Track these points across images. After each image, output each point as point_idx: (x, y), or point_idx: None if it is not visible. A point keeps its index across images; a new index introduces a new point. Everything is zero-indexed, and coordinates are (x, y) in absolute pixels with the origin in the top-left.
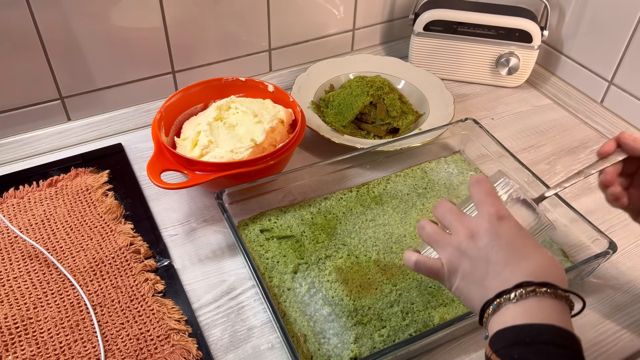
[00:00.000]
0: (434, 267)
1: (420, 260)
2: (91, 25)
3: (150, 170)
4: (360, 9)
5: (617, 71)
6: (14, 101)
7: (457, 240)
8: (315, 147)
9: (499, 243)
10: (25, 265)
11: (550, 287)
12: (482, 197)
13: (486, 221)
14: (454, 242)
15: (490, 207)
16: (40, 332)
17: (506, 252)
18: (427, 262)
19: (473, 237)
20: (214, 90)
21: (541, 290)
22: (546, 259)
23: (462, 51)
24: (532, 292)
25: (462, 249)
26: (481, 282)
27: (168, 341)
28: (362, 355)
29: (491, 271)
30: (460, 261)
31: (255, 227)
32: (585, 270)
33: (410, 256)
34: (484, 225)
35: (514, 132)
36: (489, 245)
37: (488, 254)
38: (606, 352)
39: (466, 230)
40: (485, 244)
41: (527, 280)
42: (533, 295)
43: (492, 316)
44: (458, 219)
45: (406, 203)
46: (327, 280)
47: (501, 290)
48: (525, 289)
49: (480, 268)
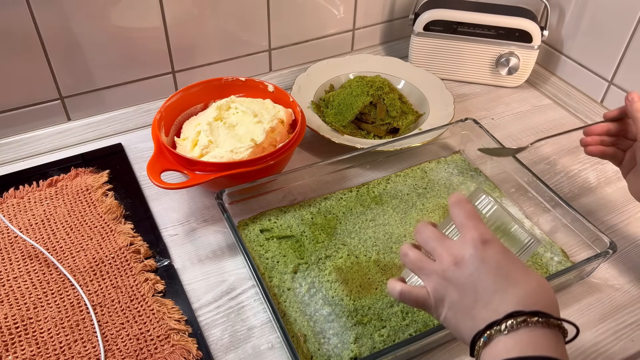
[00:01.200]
0: (420, 297)
1: (405, 290)
2: (91, 25)
3: (150, 170)
4: (360, 9)
5: (617, 71)
6: (14, 101)
7: (441, 268)
8: (315, 147)
9: (485, 269)
10: (25, 265)
11: (542, 315)
12: (464, 220)
13: (470, 246)
14: (438, 270)
15: (474, 230)
16: (40, 332)
17: (493, 278)
18: (413, 292)
19: (458, 264)
20: (214, 90)
21: (532, 320)
22: (535, 283)
23: (462, 51)
24: (523, 322)
25: (447, 277)
26: (470, 312)
27: (168, 341)
28: (362, 355)
29: (479, 300)
30: (446, 290)
31: (255, 227)
32: (585, 270)
33: (394, 286)
34: (468, 250)
35: (514, 132)
36: (475, 273)
37: (475, 282)
38: (606, 352)
39: (450, 256)
40: (471, 271)
41: (517, 310)
42: (524, 326)
43: (484, 349)
44: (441, 245)
45: (406, 203)
46: (327, 280)
47: (491, 321)
48: (516, 320)
49: (467, 297)
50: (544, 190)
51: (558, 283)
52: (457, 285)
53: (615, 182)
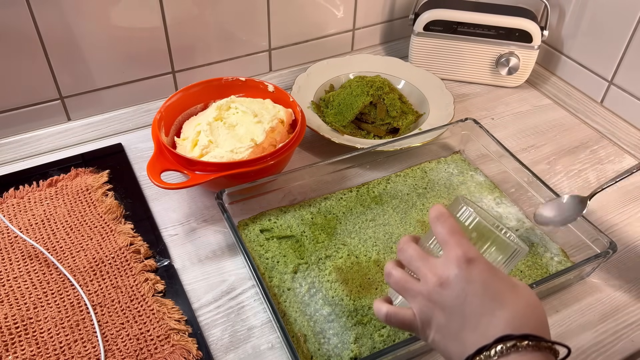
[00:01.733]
0: (406, 319)
1: (390, 312)
2: (91, 25)
3: (150, 170)
4: (360, 9)
5: (617, 71)
6: (14, 101)
7: (426, 289)
8: (315, 147)
9: (471, 290)
10: (25, 265)
11: (532, 339)
12: (446, 237)
13: (454, 266)
14: (423, 291)
15: (457, 248)
16: (40, 332)
17: (480, 300)
18: (399, 314)
19: (443, 285)
20: (214, 90)
21: (522, 345)
22: (524, 302)
23: (462, 51)
24: (513, 347)
25: (433, 299)
26: (458, 335)
27: (168, 341)
28: (362, 355)
29: (467, 323)
30: (432, 312)
31: (255, 227)
32: (585, 270)
33: (380, 308)
34: (452, 270)
35: (514, 132)
36: (461, 295)
37: (461, 305)
38: (606, 352)
39: (435, 277)
40: (457, 293)
41: (507, 334)
42: (514, 351)
43: None
44: (425, 265)
45: (406, 203)
46: (327, 280)
47: (481, 346)
48: (505, 345)
49: (455, 320)
50: (544, 190)
51: (558, 283)
52: (444, 308)
53: None
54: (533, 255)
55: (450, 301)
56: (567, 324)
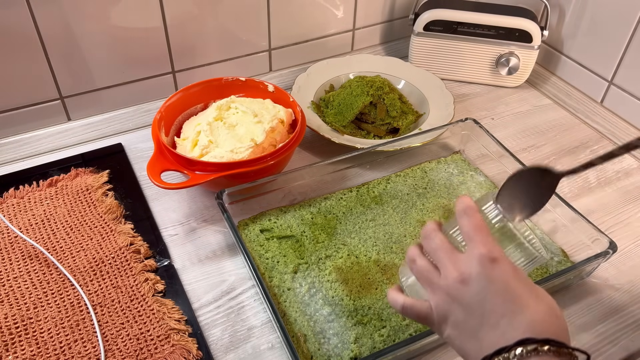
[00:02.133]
0: (422, 312)
1: (407, 304)
2: (91, 25)
3: (150, 170)
4: (360, 9)
5: (617, 71)
6: (14, 101)
7: (446, 284)
8: (315, 147)
9: (492, 290)
10: (25, 265)
11: (553, 344)
12: (472, 233)
13: (477, 263)
14: (443, 286)
15: (482, 246)
16: (40, 332)
17: (502, 300)
18: (415, 307)
19: (464, 282)
20: (214, 90)
21: (543, 349)
22: (545, 307)
23: (462, 51)
24: (534, 351)
25: (452, 294)
26: (475, 333)
27: (168, 341)
28: (362, 355)
29: (486, 322)
30: (450, 307)
31: (255, 227)
32: (585, 270)
33: (396, 298)
34: (475, 268)
35: (514, 132)
36: (482, 292)
37: (482, 303)
38: (606, 352)
39: (457, 272)
40: (477, 290)
41: (528, 337)
42: (535, 355)
43: None
44: (450, 258)
45: (406, 203)
46: (327, 280)
47: (500, 347)
48: (526, 348)
49: (473, 318)
50: None
51: (558, 283)
52: (463, 304)
53: (615, 182)
54: None
55: (470, 298)
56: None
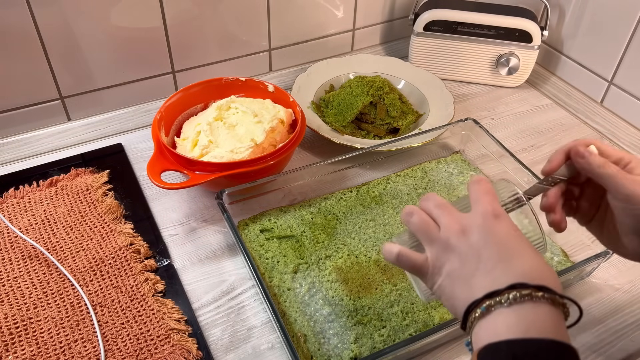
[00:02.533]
0: (417, 262)
1: (403, 253)
2: (91, 25)
3: (150, 170)
4: (360, 9)
5: (617, 71)
6: (14, 101)
7: (446, 235)
8: (315, 147)
9: (492, 240)
10: (25, 265)
11: (548, 291)
12: (479, 195)
13: (480, 217)
14: (442, 237)
15: (487, 204)
16: (40, 332)
17: (499, 249)
18: (411, 257)
19: (464, 232)
20: (214, 90)
21: (537, 295)
22: (541, 261)
23: (462, 51)
24: (528, 295)
25: (451, 245)
26: (468, 279)
27: (168, 341)
28: (362, 355)
29: (481, 268)
30: (447, 257)
31: (255, 227)
32: (585, 270)
33: (391, 248)
34: (477, 220)
35: (514, 132)
36: (481, 241)
37: (479, 249)
38: (606, 352)
39: (457, 224)
40: (477, 239)
41: (521, 282)
42: (529, 300)
43: (479, 320)
44: (449, 213)
45: (406, 203)
46: (327, 280)
47: (491, 291)
48: (520, 292)
49: (469, 265)
50: None
51: None
52: (460, 253)
53: None
54: None
55: (468, 246)
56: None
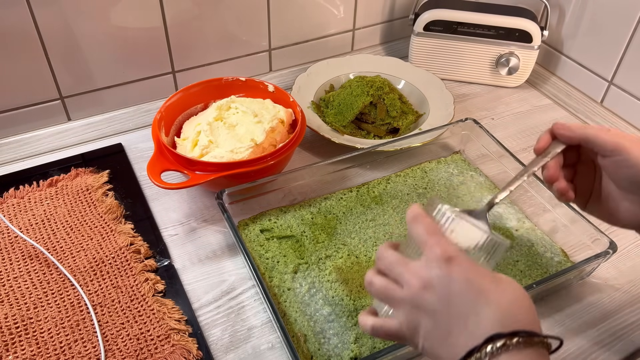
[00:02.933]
0: (392, 330)
1: (376, 325)
2: (91, 25)
3: (150, 170)
4: (360, 9)
5: (617, 71)
6: (15, 101)
7: (409, 294)
8: (315, 147)
9: (455, 289)
10: (25, 265)
11: (522, 334)
12: (424, 237)
13: (435, 266)
14: (407, 297)
15: (436, 247)
16: (40, 332)
17: (465, 298)
18: (384, 326)
19: (426, 288)
20: (214, 90)
21: (512, 343)
22: (510, 296)
23: (462, 51)
24: (503, 346)
25: (417, 304)
26: (447, 339)
27: (168, 341)
28: (362, 355)
29: (455, 326)
30: (418, 317)
31: (256, 227)
32: (585, 270)
33: (365, 321)
34: (434, 271)
35: (514, 132)
36: (445, 295)
37: (447, 306)
38: (606, 351)
39: (417, 280)
40: (440, 294)
41: (496, 333)
42: (505, 351)
43: None
44: (407, 270)
45: (406, 203)
46: (327, 280)
47: (471, 348)
48: (495, 344)
49: (441, 323)
50: (544, 190)
51: (558, 283)
52: (429, 312)
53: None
54: (533, 255)
55: (435, 303)
56: (567, 324)
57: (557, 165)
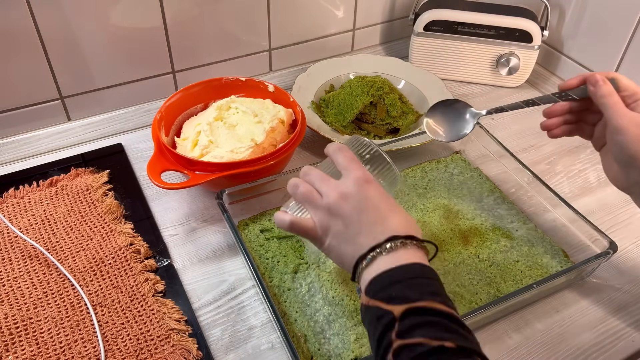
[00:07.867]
0: (308, 227)
1: (295, 221)
2: (91, 25)
3: (150, 170)
4: (360, 9)
5: (617, 71)
6: (14, 101)
7: (327, 202)
8: (315, 147)
9: (368, 205)
10: (25, 265)
11: (414, 239)
12: (347, 164)
13: (355, 184)
14: (324, 204)
15: (357, 171)
16: (40, 332)
17: (375, 212)
18: (301, 223)
19: (344, 198)
20: (214, 90)
21: (407, 242)
22: (407, 218)
23: (462, 51)
24: (401, 243)
25: (333, 210)
26: (353, 239)
27: (168, 341)
28: (362, 355)
29: (363, 230)
30: (331, 220)
31: (256, 227)
32: (586, 270)
33: (283, 217)
34: (353, 188)
35: (514, 132)
36: (358, 206)
37: (359, 214)
38: (606, 352)
39: (336, 192)
40: (355, 205)
41: (396, 234)
42: (402, 247)
43: (366, 269)
44: (329, 184)
45: (406, 203)
46: (327, 280)
47: (373, 245)
48: (395, 242)
49: (352, 227)
50: (544, 190)
51: (558, 283)
52: (342, 217)
53: None
54: (533, 255)
55: (349, 211)
56: (567, 324)
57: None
